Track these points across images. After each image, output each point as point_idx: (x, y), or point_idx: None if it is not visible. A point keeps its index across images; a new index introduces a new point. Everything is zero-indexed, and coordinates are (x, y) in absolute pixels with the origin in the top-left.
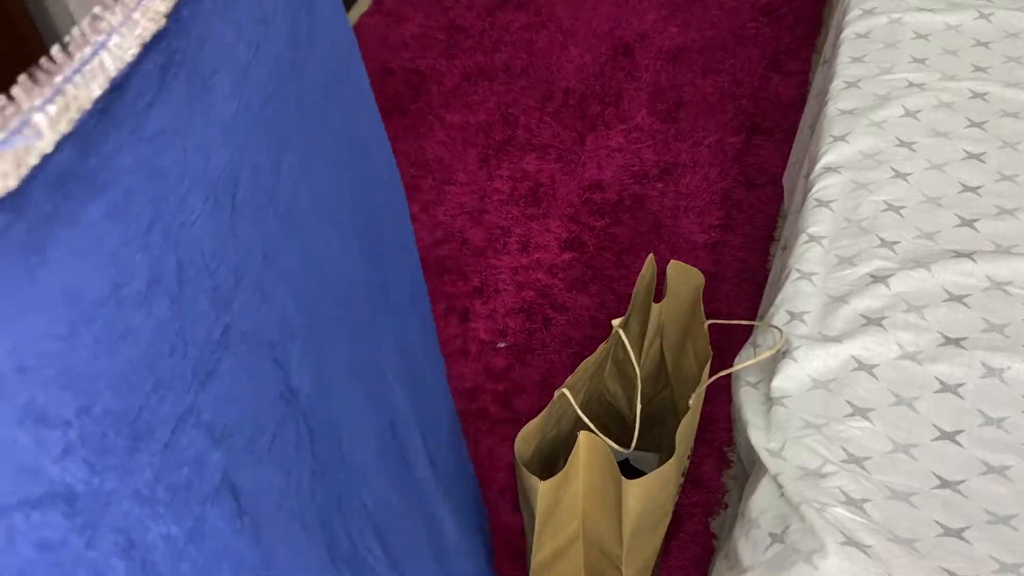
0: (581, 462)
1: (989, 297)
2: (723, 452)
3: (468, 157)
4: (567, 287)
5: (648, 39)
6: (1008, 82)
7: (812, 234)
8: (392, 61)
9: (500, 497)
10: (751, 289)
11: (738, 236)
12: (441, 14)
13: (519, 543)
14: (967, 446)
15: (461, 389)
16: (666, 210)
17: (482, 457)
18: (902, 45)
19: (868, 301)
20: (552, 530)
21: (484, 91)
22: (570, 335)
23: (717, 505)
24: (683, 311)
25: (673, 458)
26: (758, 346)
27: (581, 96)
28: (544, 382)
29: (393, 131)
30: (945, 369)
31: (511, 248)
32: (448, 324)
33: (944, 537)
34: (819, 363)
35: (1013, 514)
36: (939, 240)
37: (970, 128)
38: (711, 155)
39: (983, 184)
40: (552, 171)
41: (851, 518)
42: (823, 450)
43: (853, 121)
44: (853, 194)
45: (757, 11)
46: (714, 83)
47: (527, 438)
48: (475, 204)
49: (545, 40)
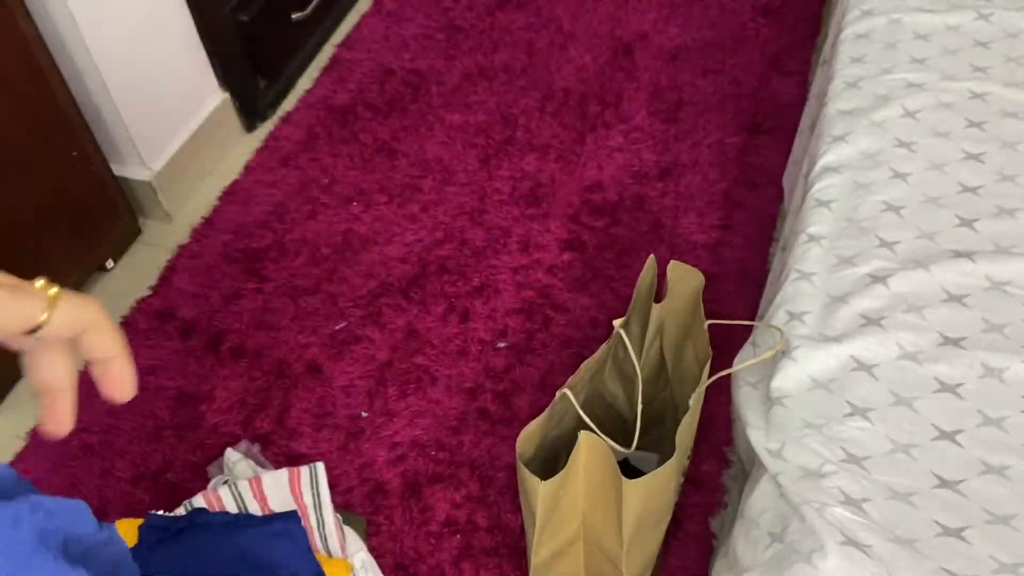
0: (581, 462)
1: (989, 297)
2: (723, 452)
3: (468, 157)
4: (567, 287)
5: (648, 39)
6: (1008, 82)
7: (812, 234)
8: (392, 61)
9: (500, 497)
10: (751, 289)
11: (738, 236)
12: (441, 14)
13: (519, 543)
14: (967, 446)
15: (461, 389)
16: (666, 210)
17: (482, 457)
18: (902, 45)
19: (868, 301)
20: (552, 530)
21: (484, 91)
22: (570, 335)
23: (717, 505)
24: (683, 311)
25: (673, 458)
26: (758, 346)
27: (581, 96)
28: (544, 382)
29: (393, 131)
30: (945, 369)
31: (511, 248)
32: (448, 324)
33: (944, 537)
34: (819, 363)
35: (1013, 514)
36: (939, 240)
37: (970, 128)
38: (711, 155)
39: (983, 184)
40: (552, 171)
41: (851, 518)
42: (823, 450)
43: (853, 121)
44: (853, 194)
45: (757, 11)
46: (714, 83)
47: (528, 438)
48: (475, 204)
49: (545, 40)
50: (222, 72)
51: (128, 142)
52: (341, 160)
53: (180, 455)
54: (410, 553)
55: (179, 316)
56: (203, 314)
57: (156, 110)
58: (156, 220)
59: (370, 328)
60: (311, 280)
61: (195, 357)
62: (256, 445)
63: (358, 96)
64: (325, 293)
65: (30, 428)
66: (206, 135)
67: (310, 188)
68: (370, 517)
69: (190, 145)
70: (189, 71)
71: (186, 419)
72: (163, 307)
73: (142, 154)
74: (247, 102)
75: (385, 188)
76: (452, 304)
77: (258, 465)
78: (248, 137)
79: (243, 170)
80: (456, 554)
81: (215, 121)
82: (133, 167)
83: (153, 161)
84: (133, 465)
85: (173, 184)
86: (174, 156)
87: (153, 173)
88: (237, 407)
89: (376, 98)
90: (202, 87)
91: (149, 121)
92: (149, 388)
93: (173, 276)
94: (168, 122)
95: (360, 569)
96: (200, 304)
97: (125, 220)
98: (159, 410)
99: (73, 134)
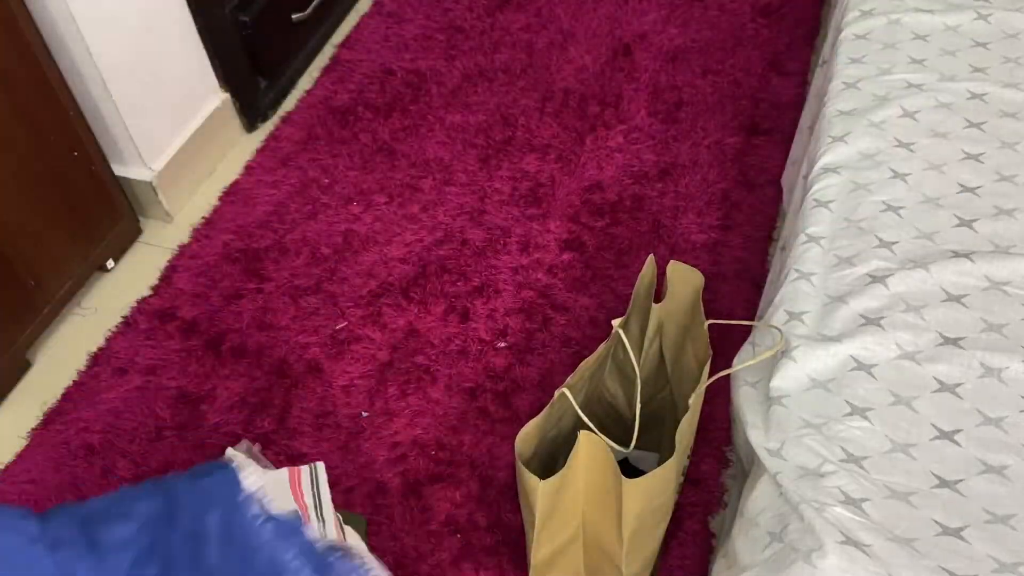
0: (581, 462)
1: (987, 297)
2: (722, 452)
3: (468, 157)
4: (567, 287)
5: (648, 39)
6: (1007, 83)
7: (811, 234)
8: (392, 62)
9: (500, 497)
10: (750, 289)
11: (737, 236)
12: (441, 15)
13: (519, 543)
14: (966, 446)
15: (461, 389)
16: (666, 210)
17: (482, 457)
18: (901, 46)
19: (867, 301)
20: (552, 530)
21: (484, 91)
22: (570, 335)
23: (716, 504)
24: (683, 311)
25: (673, 458)
26: (757, 346)
27: (581, 97)
28: (544, 382)
29: (393, 131)
30: (944, 369)
31: (511, 248)
32: (448, 324)
33: (943, 536)
34: (818, 363)
35: (1012, 513)
36: (938, 240)
37: (969, 129)
38: (710, 155)
39: (982, 184)
40: (552, 171)
41: (850, 517)
42: (822, 450)
43: (852, 122)
44: (852, 194)
45: (756, 12)
46: (713, 83)
47: (527, 438)
48: (475, 204)
49: (545, 41)
50: (223, 72)
51: (129, 142)
52: (341, 160)
53: (181, 455)
54: (410, 552)
55: (180, 316)
56: (204, 314)
57: (157, 110)
58: (157, 220)
59: (370, 328)
60: (311, 280)
61: (196, 357)
62: (257, 445)
63: (358, 96)
64: (325, 293)
65: (31, 428)
66: (207, 135)
67: (310, 188)
68: (370, 516)
69: (191, 145)
70: (190, 71)
71: (187, 419)
72: (164, 307)
73: (143, 154)
74: (247, 102)
75: (385, 188)
76: (452, 304)
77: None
78: (248, 137)
79: (243, 170)
80: (456, 553)
81: (216, 121)
82: (134, 167)
83: (154, 161)
84: (134, 465)
85: (174, 184)
86: (175, 156)
87: (154, 173)
88: (238, 407)
89: (376, 98)
90: (203, 87)
91: (150, 121)
92: (150, 388)
93: (174, 276)
94: (169, 122)
95: None
96: (201, 304)
97: (126, 220)
98: (160, 410)
99: (74, 134)
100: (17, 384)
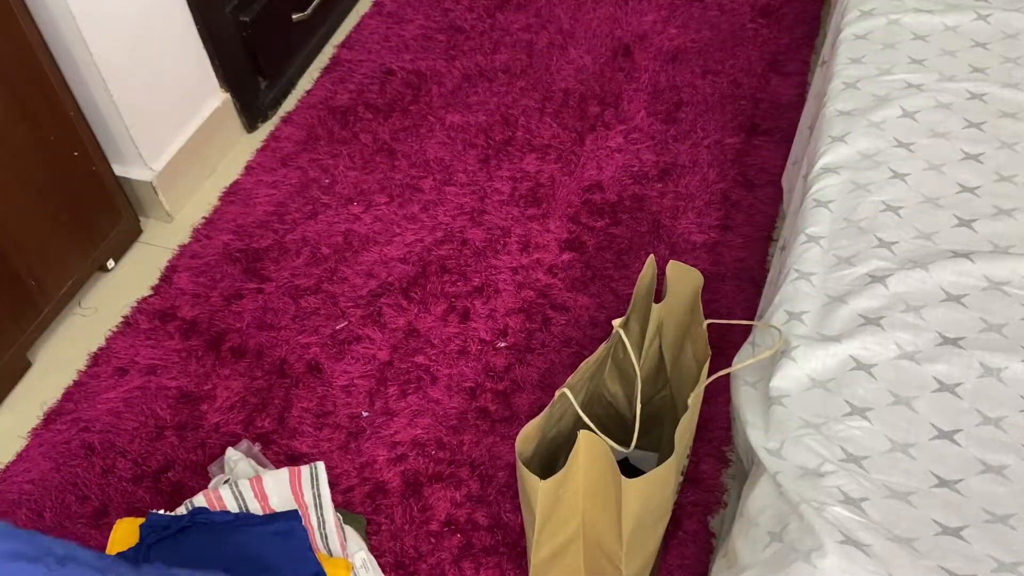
0: (581, 461)
1: (987, 297)
2: (722, 451)
3: (468, 157)
4: (567, 287)
5: (647, 40)
6: (1006, 83)
7: (811, 234)
8: (392, 62)
9: (500, 496)
10: (750, 289)
11: (737, 236)
12: (441, 15)
13: (519, 542)
14: (965, 445)
15: (461, 388)
16: (665, 210)
17: (482, 456)
18: (900, 46)
19: (866, 301)
20: (552, 529)
21: (484, 92)
22: (570, 335)
23: (716, 504)
24: (682, 311)
25: (672, 457)
26: (757, 346)
27: (581, 97)
28: (544, 382)
29: (393, 131)
30: (943, 369)
31: (511, 248)
32: (448, 324)
33: (942, 536)
34: (818, 363)
35: (1011, 513)
36: (937, 240)
37: (968, 129)
38: (710, 155)
39: (981, 184)
40: (552, 171)
41: (850, 517)
42: (822, 449)
43: (852, 122)
44: (852, 194)
45: (756, 12)
46: (713, 84)
47: (527, 438)
48: (475, 204)
49: (545, 41)
50: (223, 72)
51: (129, 142)
52: (341, 160)
53: (181, 454)
54: (410, 552)
55: (180, 316)
56: (204, 314)
57: (157, 110)
58: (157, 220)
59: (370, 328)
60: (312, 280)
61: (196, 357)
62: (257, 444)
63: (358, 96)
64: (325, 293)
65: (31, 427)
66: (207, 135)
67: (310, 188)
68: (370, 516)
69: (191, 145)
70: (190, 71)
71: (187, 418)
72: (164, 307)
73: (143, 154)
74: (248, 102)
75: (385, 188)
76: (452, 304)
77: (259, 464)
78: (249, 137)
79: (244, 170)
80: (456, 553)
81: (216, 121)
82: (134, 167)
83: (154, 161)
84: (134, 464)
85: (174, 184)
86: (175, 156)
87: (154, 173)
88: (238, 406)
89: (376, 98)
90: (203, 87)
91: (150, 121)
92: (150, 388)
93: (174, 276)
94: (169, 122)
95: (360, 568)
96: (201, 304)
97: (126, 220)
98: (160, 410)
99: (74, 134)
100: (17, 384)
